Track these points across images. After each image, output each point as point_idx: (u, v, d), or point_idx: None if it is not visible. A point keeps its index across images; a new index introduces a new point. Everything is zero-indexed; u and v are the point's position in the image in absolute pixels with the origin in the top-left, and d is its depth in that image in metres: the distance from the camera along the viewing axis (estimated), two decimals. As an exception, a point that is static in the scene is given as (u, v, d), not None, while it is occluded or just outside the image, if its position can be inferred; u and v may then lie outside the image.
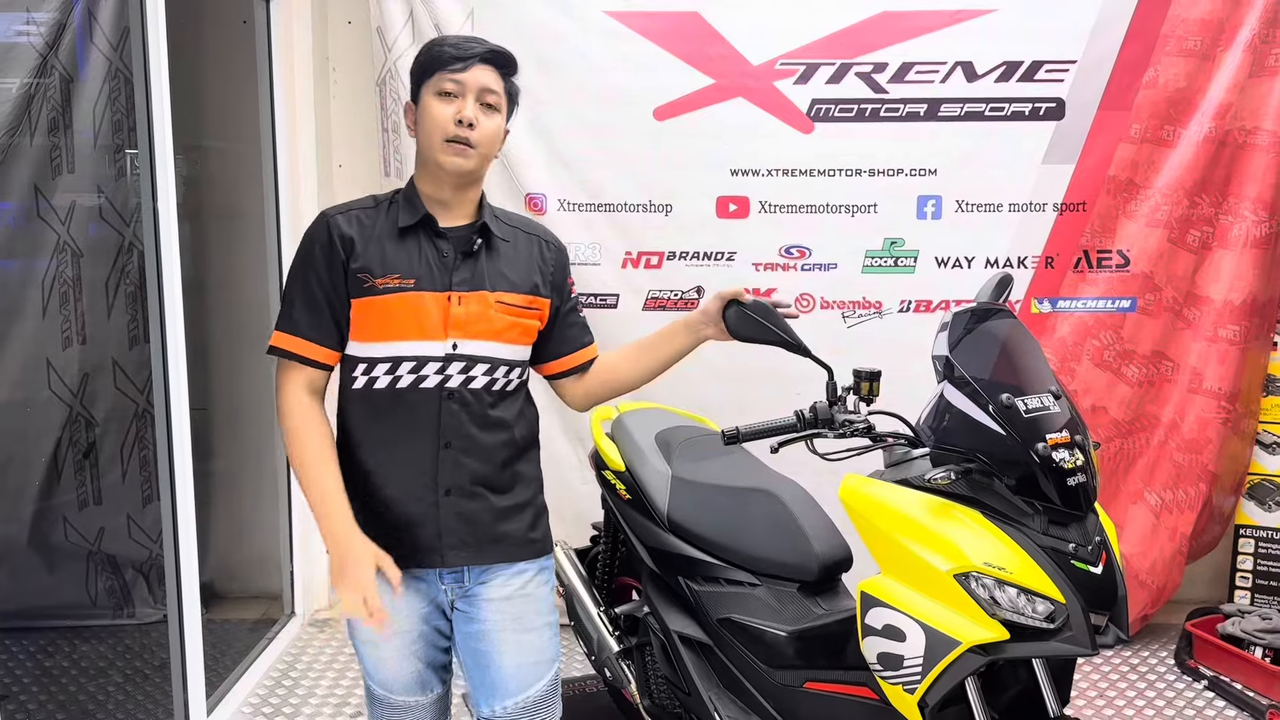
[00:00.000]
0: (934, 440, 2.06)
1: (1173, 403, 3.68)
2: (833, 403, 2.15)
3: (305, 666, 3.69)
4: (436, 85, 1.90)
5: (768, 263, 3.68)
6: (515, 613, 1.98)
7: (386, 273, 1.89)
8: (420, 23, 3.62)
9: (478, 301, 1.92)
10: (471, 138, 1.88)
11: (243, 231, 3.97)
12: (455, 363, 1.91)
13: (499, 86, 1.93)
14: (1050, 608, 1.92)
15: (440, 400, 1.91)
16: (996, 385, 2.01)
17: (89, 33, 3.59)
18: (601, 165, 3.65)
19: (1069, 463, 1.94)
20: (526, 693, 1.98)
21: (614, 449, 2.90)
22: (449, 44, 1.92)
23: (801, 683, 2.39)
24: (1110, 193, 3.61)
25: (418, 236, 1.93)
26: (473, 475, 1.93)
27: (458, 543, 1.94)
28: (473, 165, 1.91)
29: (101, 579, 3.86)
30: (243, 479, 4.16)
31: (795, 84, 3.61)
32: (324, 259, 1.91)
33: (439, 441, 1.91)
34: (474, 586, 1.98)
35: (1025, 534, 1.95)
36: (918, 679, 1.97)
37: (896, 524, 2.02)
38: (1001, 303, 2.31)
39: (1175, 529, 3.68)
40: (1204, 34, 3.53)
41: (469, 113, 1.88)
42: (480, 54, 1.91)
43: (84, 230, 3.64)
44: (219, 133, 4.01)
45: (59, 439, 3.71)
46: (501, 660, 1.97)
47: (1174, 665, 3.64)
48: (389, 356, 1.90)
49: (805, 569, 2.47)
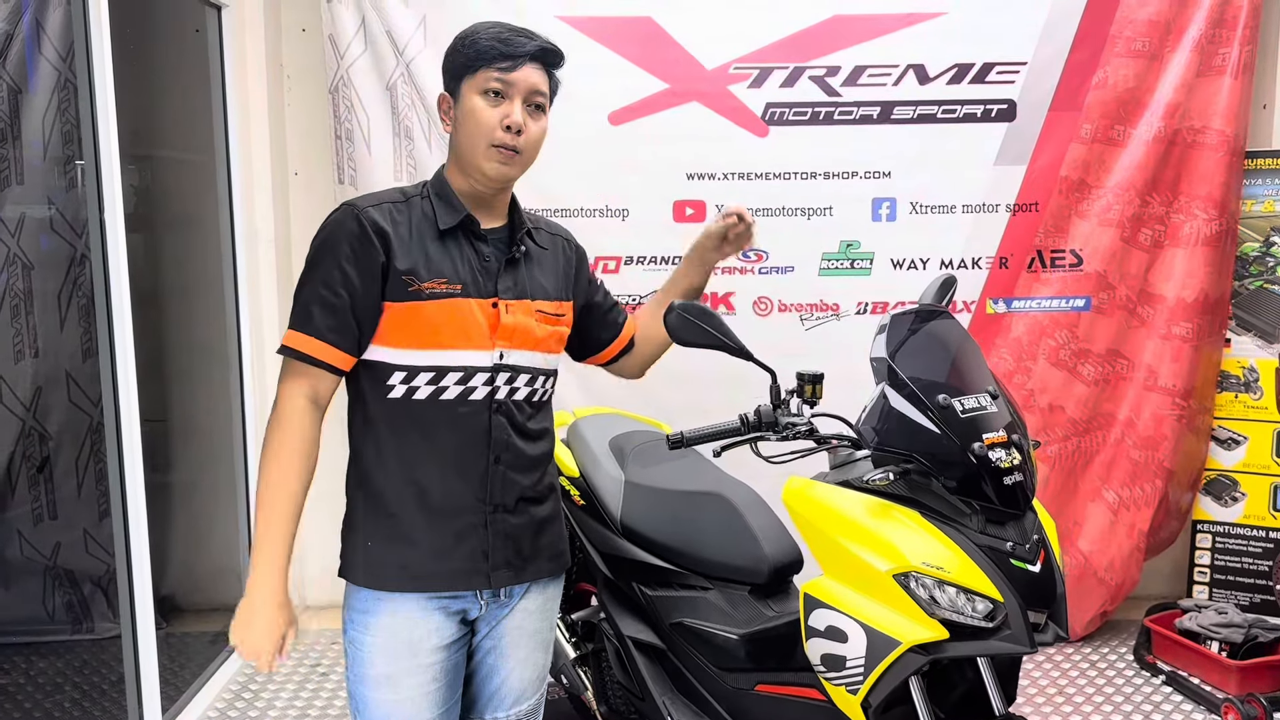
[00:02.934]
0: (874, 441, 2.06)
1: (1128, 400, 3.71)
2: (776, 406, 2.15)
3: (265, 679, 3.66)
4: (482, 83, 1.73)
5: (725, 266, 3.68)
6: (533, 629, 1.93)
7: (432, 276, 1.74)
8: (372, 29, 3.61)
9: (523, 310, 1.81)
10: (519, 144, 1.75)
11: (199, 241, 3.95)
12: (502, 373, 1.80)
13: (547, 86, 1.79)
14: (989, 606, 1.92)
15: (490, 413, 1.79)
16: (934, 386, 2.02)
17: (38, 43, 3.56)
18: (556, 170, 3.60)
19: (1005, 461, 1.95)
20: (522, 705, 1.95)
21: (568, 455, 2.89)
22: (499, 38, 1.74)
23: (753, 685, 2.40)
24: (1062, 193, 3.64)
25: (458, 238, 1.78)
26: (520, 490, 1.84)
27: (503, 562, 1.83)
28: (518, 172, 1.80)
29: (59, 594, 3.82)
30: (202, 490, 4.13)
31: (749, 88, 3.62)
32: (355, 255, 1.71)
33: (490, 456, 1.80)
34: (508, 603, 1.89)
35: (963, 533, 1.96)
36: (860, 679, 1.98)
37: (837, 525, 2.02)
38: (945, 304, 2.32)
39: (1133, 526, 3.71)
40: (1152, 35, 3.57)
41: (518, 117, 1.73)
42: (532, 51, 1.75)
43: (35, 242, 3.61)
44: (173, 142, 3.98)
45: (12, 453, 3.68)
46: (509, 674, 1.93)
47: (1133, 661, 3.67)
48: (433, 366, 1.75)
49: (756, 572, 2.47)
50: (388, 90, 3.66)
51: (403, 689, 1.79)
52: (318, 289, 1.72)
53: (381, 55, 3.63)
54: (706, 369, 3.38)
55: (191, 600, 4.11)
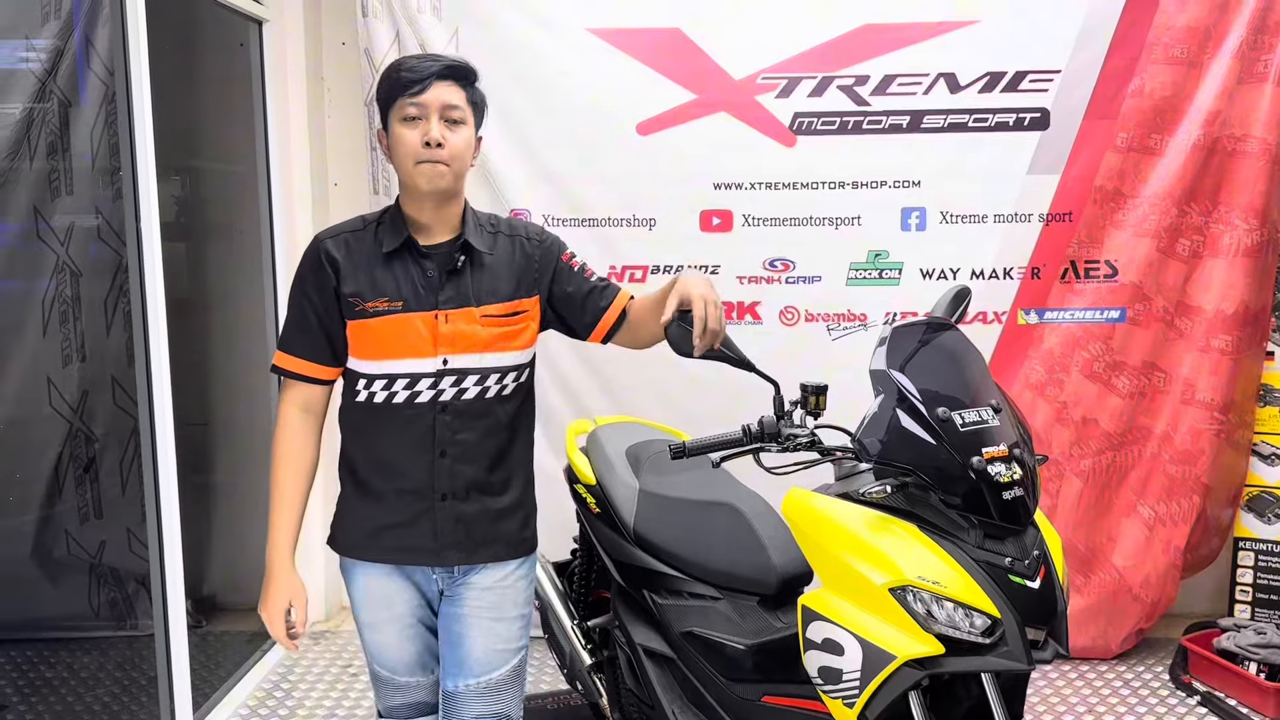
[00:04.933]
0: (877, 453, 2.06)
1: (1165, 414, 3.63)
2: (780, 416, 2.15)
3: (298, 678, 3.74)
4: (400, 111, 1.95)
5: (752, 276, 3.69)
6: (493, 602, 2.09)
7: (376, 296, 1.99)
8: (406, 43, 3.68)
9: (464, 318, 1.99)
10: (442, 155, 1.94)
11: (241, 250, 4.05)
12: (447, 377, 2.00)
13: (460, 99, 1.98)
14: (987, 622, 1.91)
15: (435, 414, 2.01)
16: (934, 398, 2.01)
17: (87, 59, 3.69)
18: (585, 180, 3.69)
19: (1005, 476, 1.94)
20: (490, 675, 2.10)
21: (586, 463, 2.92)
22: (405, 68, 1.96)
23: (759, 696, 2.40)
24: (1097, 202, 3.58)
25: (404, 258, 2.01)
26: (469, 481, 2.04)
27: (453, 544, 2.05)
28: (448, 182, 1.98)
29: (103, 591, 3.94)
30: (243, 492, 4.23)
31: (777, 98, 3.62)
32: (314, 282, 2.01)
33: (434, 451, 2.01)
34: (462, 578, 2.09)
35: (960, 548, 1.94)
36: (856, 693, 1.97)
37: (834, 538, 2.02)
38: (958, 315, 2.31)
39: (1169, 542, 3.63)
40: (1190, 41, 3.49)
41: (434, 133, 1.93)
42: (436, 71, 1.95)
43: (83, 250, 3.73)
44: (217, 153, 4.09)
45: (60, 454, 3.80)
46: (472, 643, 2.08)
47: (1168, 681, 3.59)
48: (384, 374, 2.01)
49: (764, 583, 2.47)
50: (420, 102, 3.72)
51: (385, 633, 2.13)
52: (293, 313, 2.04)
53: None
54: (732, 378, 3.37)
55: (231, 600, 4.21)
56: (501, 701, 2.11)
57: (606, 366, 3.72)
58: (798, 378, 2.14)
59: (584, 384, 3.75)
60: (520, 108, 3.66)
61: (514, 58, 3.64)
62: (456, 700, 2.09)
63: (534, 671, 3.75)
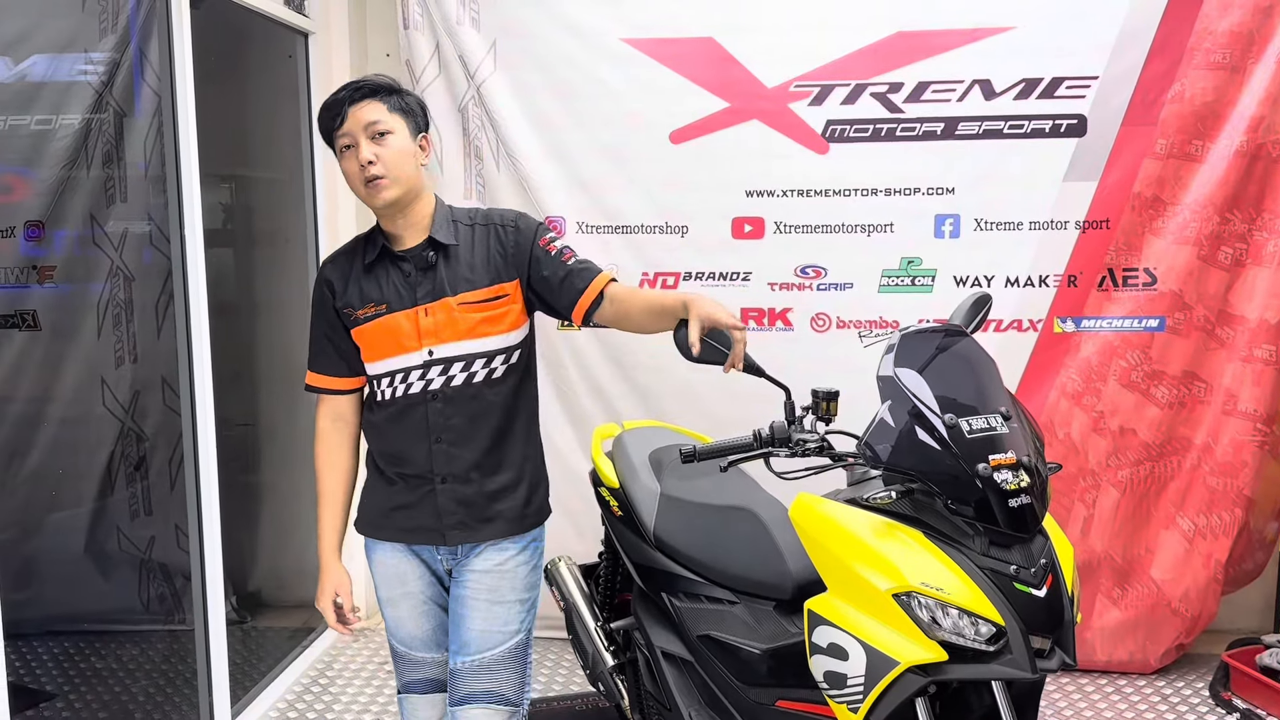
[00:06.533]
0: (885, 459, 2.06)
1: (1205, 425, 3.56)
2: (790, 422, 2.17)
3: (335, 674, 3.82)
4: (338, 146, 2.13)
5: (783, 283, 3.70)
6: (491, 585, 2.23)
7: (364, 304, 2.17)
8: (445, 54, 3.76)
9: (442, 309, 2.13)
10: (378, 171, 2.07)
11: (288, 256, 4.16)
12: (434, 367, 2.15)
13: (380, 113, 2.08)
14: (992, 630, 1.90)
15: (426, 403, 2.16)
16: (942, 404, 2.01)
17: (141, 71, 3.82)
18: (619, 188, 3.73)
19: (1012, 484, 1.93)
20: (485, 654, 2.22)
21: (610, 466, 2.95)
22: (325, 105, 2.13)
23: (774, 700, 2.41)
24: (1135, 209, 3.53)
25: (384, 265, 2.18)
26: (466, 464, 2.18)
27: (456, 524, 2.20)
28: (396, 193, 2.10)
29: (152, 586, 4.06)
30: (287, 491, 4.34)
31: (810, 105, 3.63)
32: (319, 306, 2.25)
33: (430, 438, 2.17)
34: (465, 559, 2.24)
35: (966, 554, 1.94)
36: (860, 698, 1.98)
37: (840, 542, 2.03)
38: (977, 322, 2.30)
39: (1210, 555, 3.55)
40: (1233, 46, 3.43)
41: (364, 154, 2.07)
42: (348, 98, 2.09)
43: (136, 256, 3.86)
44: (265, 162, 4.21)
45: (112, 452, 3.93)
46: (471, 623, 2.22)
47: (1208, 697, 3.52)
48: (383, 373, 2.20)
49: (780, 588, 2.48)
50: (459, 112, 3.80)
51: (401, 608, 2.30)
52: (312, 335, 2.27)
53: (454, 78, 3.78)
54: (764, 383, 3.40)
55: (275, 596, 4.32)
56: (498, 681, 2.23)
57: (638, 371, 3.75)
58: (828, 386, 2.16)
59: (616, 388, 3.79)
60: (556, 116, 3.71)
61: (550, 68, 3.70)
62: (456, 677, 2.23)
63: (564, 673, 3.79)
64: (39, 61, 3.75)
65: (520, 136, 3.74)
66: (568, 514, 3.62)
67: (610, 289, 2.19)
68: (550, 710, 3.38)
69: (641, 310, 2.16)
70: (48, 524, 3.85)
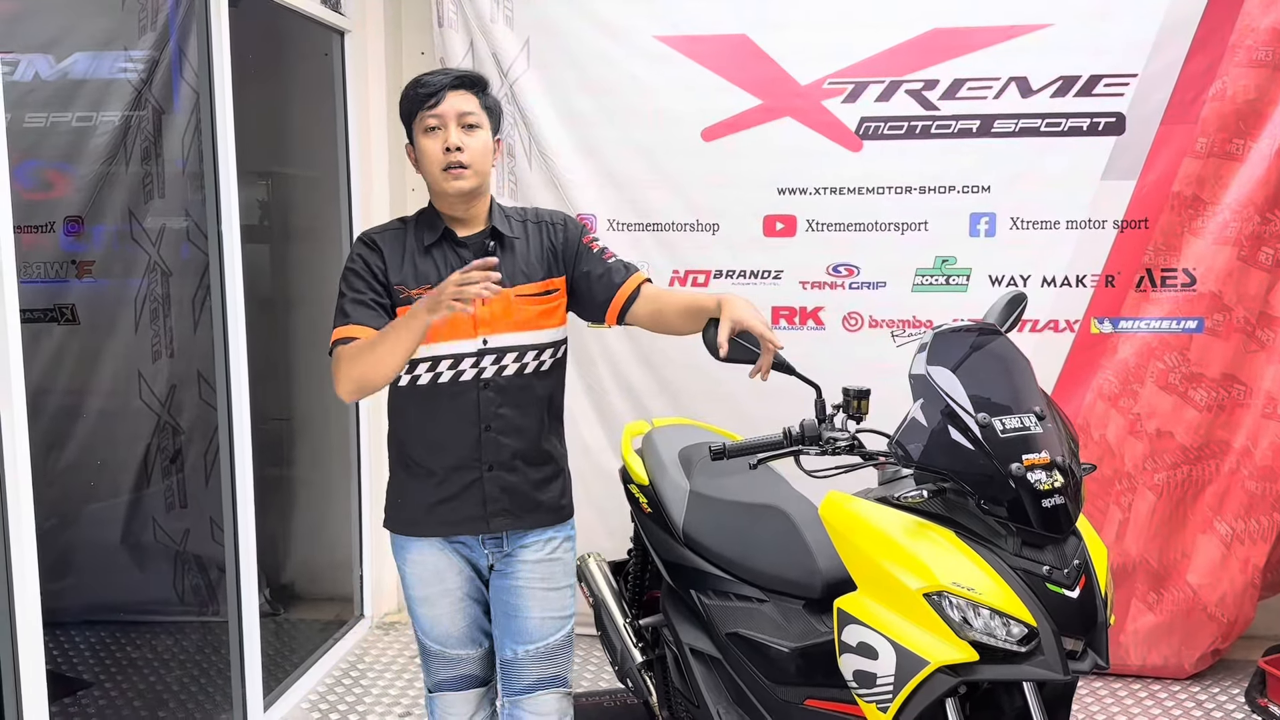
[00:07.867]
0: (911, 459, 2.05)
1: (1245, 428, 3.50)
2: (821, 420, 2.16)
3: (366, 667, 3.85)
4: (422, 124, 2.13)
5: (815, 281, 3.69)
6: (545, 573, 2.25)
7: (419, 284, 2.14)
8: (479, 52, 3.77)
9: (500, 300, 2.11)
10: (463, 159, 2.10)
11: (324, 252, 4.20)
12: (487, 356, 2.15)
13: (474, 105, 2.14)
14: (1024, 630, 1.89)
15: (478, 390, 2.16)
16: (975, 404, 1.99)
17: (179, 68, 3.87)
18: (651, 186, 3.73)
19: (1045, 484, 1.91)
20: (546, 640, 2.25)
21: (639, 464, 2.95)
22: (420, 84, 2.13)
23: (802, 699, 2.40)
24: (1174, 209, 3.48)
25: (442, 249, 2.18)
26: (513, 452, 2.19)
27: (501, 511, 2.20)
28: (472, 184, 2.13)
29: (188, 578, 4.12)
30: (322, 485, 4.38)
31: (843, 103, 3.61)
32: (366, 262, 2.16)
33: (480, 425, 2.17)
34: (512, 550, 2.25)
35: (998, 555, 1.93)
36: (889, 697, 1.97)
37: (871, 541, 2.02)
38: (1011, 321, 2.28)
39: (1247, 560, 3.50)
40: (1276, 44, 3.37)
41: (453, 139, 2.10)
42: (449, 83, 2.12)
43: (173, 251, 3.91)
44: (305, 159, 4.25)
45: (149, 445, 3.99)
46: (530, 612, 2.24)
47: (1244, 703, 3.46)
48: (429, 357, 2.15)
49: (809, 586, 2.47)
50: (492, 109, 3.81)
51: (438, 606, 2.27)
52: (346, 295, 2.14)
53: (487, 76, 3.77)
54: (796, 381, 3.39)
55: (309, 589, 4.36)
56: (559, 665, 2.28)
57: (667, 369, 3.75)
58: (861, 385, 2.15)
59: (646, 386, 3.79)
60: (588, 114, 3.72)
61: (583, 66, 3.71)
62: (517, 666, 2.24)
63: (594, 669, 3.80)
64: (80, 59, 3.81)
65: (552, 134, 3.75)
66: (597, 511, 3.62)
67: (646, 288, 2.24)
68: (579, 706, 3.35)
69: (676, 310, 2.19)
70: (85, 515, 3.92)
